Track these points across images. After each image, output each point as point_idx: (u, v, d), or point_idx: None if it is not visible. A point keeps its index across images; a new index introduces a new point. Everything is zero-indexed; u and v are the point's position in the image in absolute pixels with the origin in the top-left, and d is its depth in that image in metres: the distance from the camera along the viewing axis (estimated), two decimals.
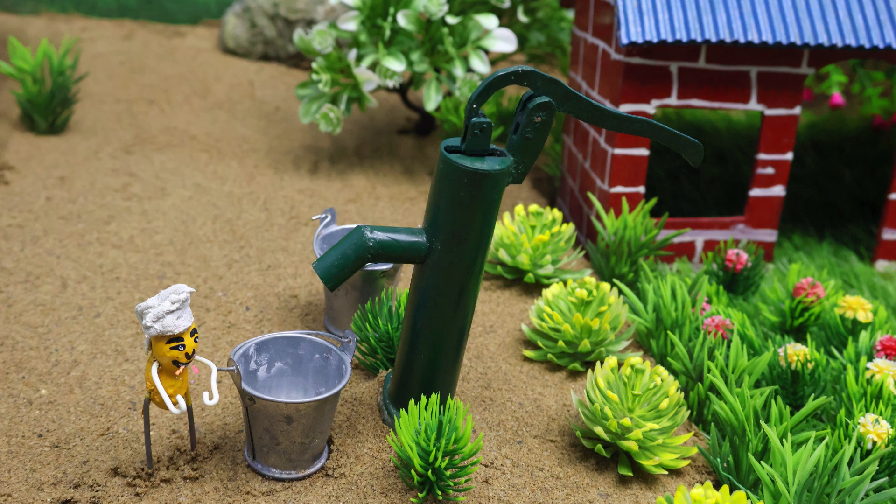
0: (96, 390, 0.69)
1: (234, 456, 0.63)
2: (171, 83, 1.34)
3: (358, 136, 1.22)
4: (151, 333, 0.56)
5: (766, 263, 0.97)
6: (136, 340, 0.76)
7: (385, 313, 0.71)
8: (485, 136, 0.58)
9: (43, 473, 0.61)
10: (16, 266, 0.85)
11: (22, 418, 0.66)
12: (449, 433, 0.58)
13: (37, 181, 1.01)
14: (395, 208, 1.03)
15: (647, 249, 0.87)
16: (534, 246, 0.86)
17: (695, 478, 0.66)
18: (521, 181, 0.61)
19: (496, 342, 0.80)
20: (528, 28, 1.20)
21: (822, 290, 0.82)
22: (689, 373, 0.72)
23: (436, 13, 1.00)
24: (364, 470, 0.63)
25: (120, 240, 0.91)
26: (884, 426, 0.63)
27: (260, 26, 1.48)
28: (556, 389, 0.74)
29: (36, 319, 0.77)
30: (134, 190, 1.01)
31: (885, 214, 0.97)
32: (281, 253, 0.91)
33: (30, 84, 1.11)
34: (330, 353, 0.65)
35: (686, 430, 0.70)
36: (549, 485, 0.64)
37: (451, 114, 1.12)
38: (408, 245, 0.61)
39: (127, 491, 0.60)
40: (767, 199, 0.95)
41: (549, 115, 0.58)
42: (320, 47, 1.04)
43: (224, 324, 0.79)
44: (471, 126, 0.58)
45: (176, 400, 0.58)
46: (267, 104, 1.30)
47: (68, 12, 1.63)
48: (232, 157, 1.12)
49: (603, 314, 0.76)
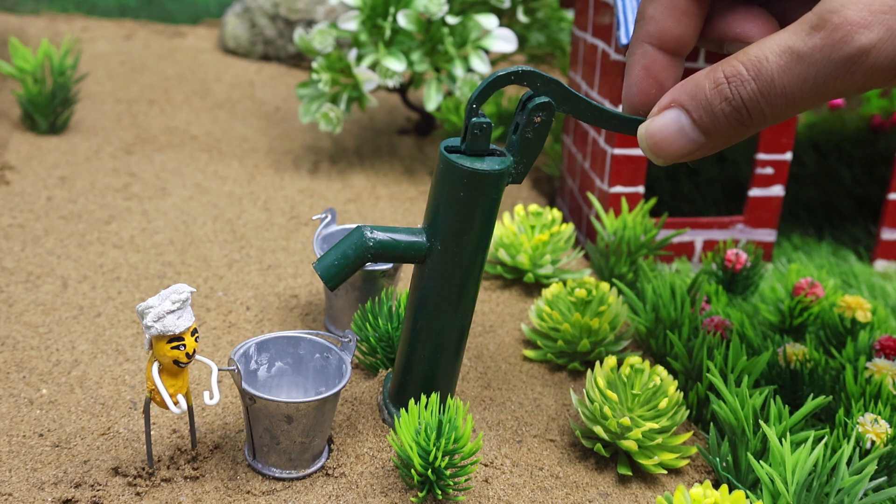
0: (97, 390, 0.69)
1: (235, 455, 0.64)
2: (172, 83, 1.34)
3: (358, 136, 1.23)
4: (152, 333, 0.56)
5: (766, 263, 0.97)
6: (136, 340, 0.76)
7: (385, 313, 0.72)
8: (485, 136, 0.58)
9: (44, 473, 0.61)
10: (17, 266, 0.85)
11: (23, 418, 0.66)
12: (449, 433, 0.58)
13: (37, 181, 1.01)
14: (395, 208, 1.03)
15: (647, 249, 0.87)
16: (533, 246, 0.86)
17: (694, 477, 0.66)
18: (520, 181, 0.61)
19: (496, 342, 0.80)
20: (528, 28, 1.20)
21: (822, 289, 0.83)
22: (688, 372, 0.72)
23: (436, 13, 1.00)
24: (364, 469, 0.63)
25: (120, 240, 0.91)
26: (882, 426, 0.63)
27: (260, 26, 1.48)
28: (556, 389, 0.74)
29: (37, 319, 0.77)
30: (134, 190, 1.01)
31: (884, 214, 0.97)
32: (281, 253, 0.91)
33: (30, 84, 1.11)
34: (330, 352, 0.65)
35: (685, 429, 0.70)
36: (548, 484, 0.64)
37: (452, 114, 1.12)
38: (408, 245, 0.61)
39: (128, 490, 0.60)
40: (767, 199, 0.95)
41: (548, 115, 0.58)
42: (321, 47, 1.04)
43: (224, 323, 0.79)
44: (471, 126, 0.58)
45: (177, 399, 0.58)
46: (267, 104, 1.30)
47: (69, 12, 1.63)
48: (232, 157, 1.12)
49: (602, 314, 0.76)
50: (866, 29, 0.47)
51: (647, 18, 0.59)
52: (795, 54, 0.49)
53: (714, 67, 0.53)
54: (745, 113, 0.52)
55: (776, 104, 0.51)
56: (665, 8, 0.58)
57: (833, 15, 0.48)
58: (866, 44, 0.48)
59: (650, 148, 0.56)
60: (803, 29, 0.49)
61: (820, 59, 0.49)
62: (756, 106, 0.52)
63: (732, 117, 0.53)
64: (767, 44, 0.51)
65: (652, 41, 0.59)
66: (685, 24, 0.58)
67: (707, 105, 0.53)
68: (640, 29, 0.59)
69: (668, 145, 0.55)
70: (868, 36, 0.48)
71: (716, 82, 0.52)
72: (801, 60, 0.49)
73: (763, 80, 0.51)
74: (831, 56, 0.48)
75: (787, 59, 0.50)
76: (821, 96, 0.50)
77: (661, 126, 0.55)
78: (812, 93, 0.50)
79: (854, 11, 0.48)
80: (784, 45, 0.50)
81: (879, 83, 0.49)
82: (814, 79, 0.49)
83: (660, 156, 0.56)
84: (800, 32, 0.49)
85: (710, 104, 0.53)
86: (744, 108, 0.52)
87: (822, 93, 0.50)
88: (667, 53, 0.59)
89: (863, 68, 0.48)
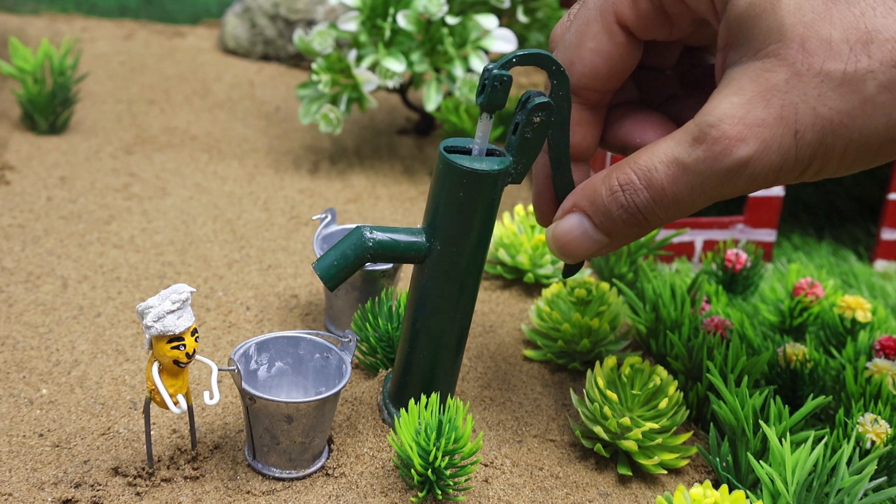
0: (97, 390, 0.69)
1: (235, 455, 0.64)
2: (172, 83, 1.34)
3: (358, 137, 1.23)
4: (152, 333, 0.56)
5: (766, 263, 0.97)
6: (136, 340, 0.76)
7: (385, 313, 0.72)
8: (504, 89, 0.57)
9: (44, 473, 0.61)
10: (16, 266, 0.85)
11: (23, 418, 0.66)
12: (449, 433, 0.58)
13: (37, 181, 1.01)
14: (395, 208, 1.03)
15: (647, 249, 0.87)
16: (533, 246, 0.86)
17: (694, 477, 0.66)
18: (520, 181, 0.61)
19: (496, 342, 0.80)
20: (528, 28, 1.20)
21: (822, 289, 0.83)
22: (688, 372, 0.72)
23: (436, 13, 1.00)
24: (364, 469, 0.63)
25: (120, 240, 0.91)
26: (883, 426, 0.63)
27: (260, 26, 1.48)
28: (556, 389, 0.74)
29: (36, 319, 0.77)
30: (134, 190, 1.02)
31: (884, 214, 0.97)
32: (281, 253, 0.91)
33: (30, 84, 1.11)
34: (330, 352, 0.65)
35: (685, 429, 0.70)
36: (548, 484, 0.64)
37: (451, 114, 1.12)
38: (407, 245, 0.61)
39: (128, 490, 0.60)
40: (767, 199, 0.95)
41: (547, 115, 0.58)
42: (320, 48, 1.04)
43: (224, 323, 0.79)
44: (492, 78, 0.56)
45: (177, 399, 0.58)
46: (267, 104, 1.30)
47: (69, 12, 1.63)
48: (232, 157, 1.12)
49: (602, 314, 0.76)
50: (743, 142, 0.50)
51: None
52: (682, 165, 0.52)
53: (609, 173, 0.56)
54: (642, 218, 0.55)
55: (669, 209, 0.54)
56: None
57: (712, 129, 0.51)
58: (744, 157, 0.50)
59: (558, 249, 0.60)
60: (686, 140, 0.52)
61: (704, 169, 0.52)
62: (651, 212, 0.55)
63: (630, 222, 0.56)
64: (656, 152, 0.54)
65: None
66: (580, 133, 0.61)
67: (605, 211, 0.56)
68: None
69: (574, 248, 0.59)
70: (745, 149, 0.50)
71: (611, 190, 0.56)
72: (687, 171, 0.52)
73: (654, 189, 0.54)
74: (714, 167, 0.51)
75: (675, 170, 0.53)
76: (709, 200, 0.53)
77: (565, 230, 0.59)
78: (701, 198, 0.53)
79: (730, 126, 0.50)
80: (671, 155, 0.53)
81: (761, 187, 0.52)
82: (700, 186, 0.52)
83: (567, 256, 0.60)
84: (683, 143, 0.52)
85: (608, 210, 0.56)
86: (640, 213, 0.55)
87: (711, 197, 0.53)
88: None
89: (744, 177, 0.51)
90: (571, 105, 0.59)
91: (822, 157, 0.51)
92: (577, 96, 0.60)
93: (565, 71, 0.57)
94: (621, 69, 0.59)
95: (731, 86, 0.51)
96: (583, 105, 0.60)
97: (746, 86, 0.51)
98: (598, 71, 0.58)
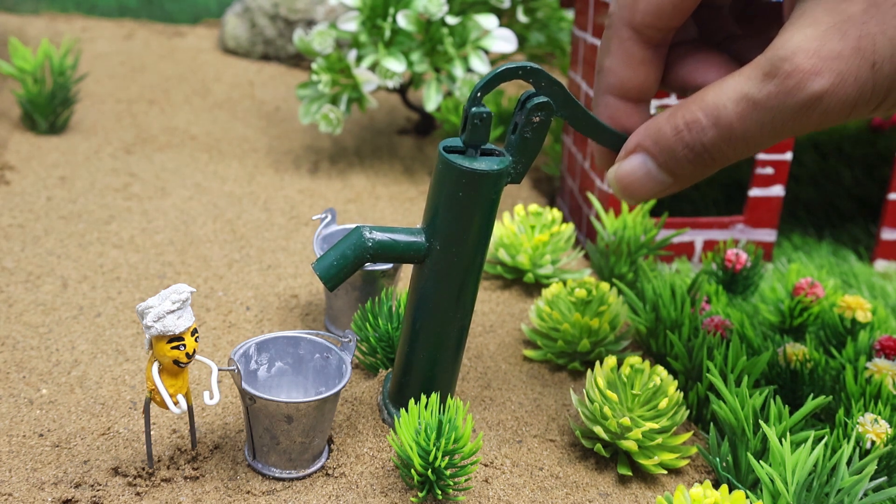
0: (97, 390, 0.69)
1: (235, 455, 0.64)
2: (172, 83, 1.34)
3: (358, 137, 1.23)
4: (152, 333, 0.56)
5: (766, 263, 0.97)
6: (136, 340, 0.76)
7: (385, 313, 0.72)
8: (485, 126, 0.58)
9: (44, 473, 0.61)
10: (17, 266, 0.85)
11: (23, 418, 0.66)
12: (449, 433, 0.58)
13: (37, 181, 1.01)
14: (395, 208, 1.03)
15: (647, 249, 0.87)
16: (533, 246, 0.86)
17: (694, 477, 0.66)
18: (519, 181, 0.61)
19: (496, 342, 0.80)
20: (528, 28, 1.20)
21: (822, 289, 0.83)
22: (688, 372, 0.72)
23: (436, 13, 1.00)
24: (364, 469, 0.63)
25: (120, 240, 0.91)
26: (882, 426, 0.63)
27: (260, 26, 1.48)
28: (556, 389, 0.74)
29: (37, 319, 0.77)
30: (134, 190, 1.02)
31: (883, 214, 0.97)
32: (281, 253, 0.91)
33: (30, 84, 1.11)
34: (330, 352, 0.65)
35: (685, 429, 0.70)
36: (548, 484, 0.64)
37: (451, 114, 1.12)
38: (407, 245, 0.61)
39: (128, 490, 0.60)
40: (767, 198, 0.95)
41: (547, 115, 0.58)
42: (320, 48, 1.04)
43: (224, 323, 0.79)
44: (471, 116, 0.58)
45: (177, 399, 0.58)
46: (267, 104, 1.30)
47: (69, 12, 1.63)
48: (232, 157, 1.12)
49: (602, 314, 0.76)
50: (818, 76, 0.49)
51: (606, 71, 0.60)
52: (752, 101, 0.51)
53: (673, 112, 0.55)
54: (708, 157, 0.54)
55: (738, 147, 0.53)
56: (621, 59, 0.59)
57: (785, 62, 0.50)
58: (819, 90, 0.49)
59: (621, 191, 0.59)
60: (756, 75, 0.51)
61: (776, 105, 0.51)
62: (718, 150, 0.54)
63: (695, 161, 0.55)
64: (724, 90, 0.53)
65: (613, 92, 0.60)
66: (643, 73, 0.60)
67: (670, 150, 0.55)
68: (599, 81, 0.61)
69: (637, 188, 0.58)
70: (820, 83, 0.49)
71: (676, 129, 0.55)
72: (758, 107, 0.51)
73: (722, 127, 0.53)
74: (786, 102, 0.50)
75: (744, 107, 0.52)
76: (779, 137, 0.52)
77: (629, 170, 0.58)
78: (770, 135, 0.52)
79: (804, 59, 0.49)
80: (740, 91, 0.52)
81: (833, 123, 0.51)
82: (771, 123, 0.51)
83: (630, 197, 0.59)
84: (754, 79, 0.51)
85: (673, 150, 0.55)
86: (706, 152, 0.54)
87: (781, 134, 0.52)
88: (629, 102, 0.60)
89: (817, 112, 0.50)
90: (615, 50, 0.58)
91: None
92: (639, 34, 0.58)
93: (536, 66, 0.58)
94: (685, 5, 0.57)
95: (805, 18, 0.50)
96: (645, 44, 0.59)
97: (821, 17, 0.49)
98: (663, 7, 0.57)
